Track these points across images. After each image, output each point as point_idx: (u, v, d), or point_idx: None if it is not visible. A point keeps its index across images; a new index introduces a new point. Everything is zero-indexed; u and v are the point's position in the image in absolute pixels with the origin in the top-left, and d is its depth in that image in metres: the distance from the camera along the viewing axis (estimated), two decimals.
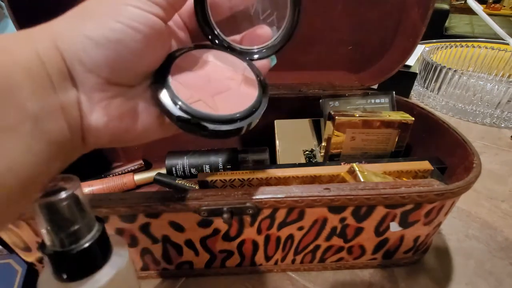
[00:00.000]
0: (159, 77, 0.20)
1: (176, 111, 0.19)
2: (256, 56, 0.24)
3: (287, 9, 0.23)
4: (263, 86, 0.23)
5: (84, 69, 0.16)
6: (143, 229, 0.26)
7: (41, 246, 0.17)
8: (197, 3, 0.21)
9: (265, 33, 0.24)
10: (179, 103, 0.19)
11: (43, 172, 0.15)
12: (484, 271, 0.32)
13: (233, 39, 0.24)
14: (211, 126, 0.20)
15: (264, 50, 0.24)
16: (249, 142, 0.45)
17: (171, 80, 0.20)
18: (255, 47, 0.24)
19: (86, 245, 0.17)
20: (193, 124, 0.19)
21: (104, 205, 0.24)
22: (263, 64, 0.25)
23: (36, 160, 0.14)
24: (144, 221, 0.25)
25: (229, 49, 0.23)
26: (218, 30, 0.23)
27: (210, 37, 0.23)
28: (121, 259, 0.19)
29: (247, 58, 0.24)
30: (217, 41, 0.23)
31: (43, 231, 0.16)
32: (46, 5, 0.35)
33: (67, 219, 0.16)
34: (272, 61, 0.25)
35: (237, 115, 0.21)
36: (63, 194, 0.16)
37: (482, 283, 0.31)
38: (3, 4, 0.51)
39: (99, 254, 0.18)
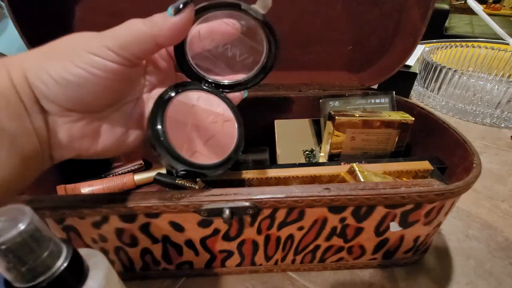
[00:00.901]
0: (155, 134, 0.22)
1: (181, 167, 0.23)
2: (228, 90, 0.27)
3: (262, 56, 0.26)
4: (239, 120, 0.27)
5: (47, 100, 0.18)
6: (143, 229, 0.26)
7: (6, 284, 0.15)
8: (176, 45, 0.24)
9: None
10: (182, 161, 0.23)
11: (16, 181, 0.17)
12: (484, 271, 0.32)
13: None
14: (209, 172, 0.24)
15: (236, 86, 0.27)
16: (249, 142, 0.45)
17: (169, 137, 0.23)
18: (226, 82, 0.27)
19: (58, 273, 0.15)
20: (194, 173, 0.24)
21: (104, 205, 0.24)
22: (236, 96, 0.28)
23: (11, 172, 0.17)
24: (144, 221, 0.25)
25: (205, 84, 0.26)
26: (196, 68, 0.26)
27: (187, 72, 0.26)
28: (100, 272, 0.17)
29: (222, 92, 0.27)
30: (193, 76, 0.26)
31: (5, 271, 0.14)
32: (45, 5, 0.35)
33: (31, 252, 0.14)
34: (244, 93, 0.28)
35: (227, 157, 0.25)
36: (20, 227, 0.13)
37: (482, 283, 0.31)
38: (3, 4, 0.51)
39: (74, 277, 0.16)
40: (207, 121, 0.25)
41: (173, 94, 0.24)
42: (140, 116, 0.24)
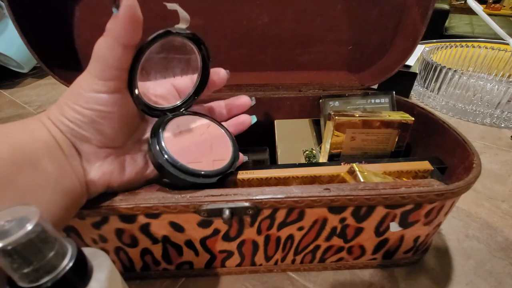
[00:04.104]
0: (168, 165, 0.25)
1: (209, 180, 0.26)
2: (183, 108, 0.29)
3: (199, 65, 0.28)
4: (215, 121, 0.30)
5: (80, 141, 0.22)
6: (143, 230, 0.26)
7: (10, 283, 0.14)
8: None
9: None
10: (209, 174, 0.26)
11: (60, 215, 0.20)
12: (484, 271, 0.32)
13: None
14: (229, 173, 0.27)
15: (188, 100, 0.29)
16: (249, 142, 0.45)
17: (182, 162, 0.25)
18: (178, 102, 0.29)
19: (62, 273, 0.15)
20: (221, 180, 0.27)
21: (104, 205, 0.24)
22: (244, 102, 0.32)
23: (56, 207, 0.20)
24: (144, 222, 0.25)
25: (169, 113, 0.28)
26: (152, 105, 0.27)
27: (147, 112, 0.27)
28: (103, 274, 0.17)
29: (186, 110, 0.29)
30: (153, 112, 0.27)
31: (10, 271, 0.14)
32: (45, 5, 0.35)
33: (37, 252, 0.14)
34: (253, 101, 0.33)
35: (233, 154, 0.29)
36: (27, 227, 0.13)
37: (482, 283, 0.31)
38: (3, 4, 0.51)
39: (79, 277, 0.16)
40: (198, 136, 0.28)
41: (159, 131, 0.26)
42: None
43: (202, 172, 0.25)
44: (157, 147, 0.25)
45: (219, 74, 0.29)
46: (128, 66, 0.22)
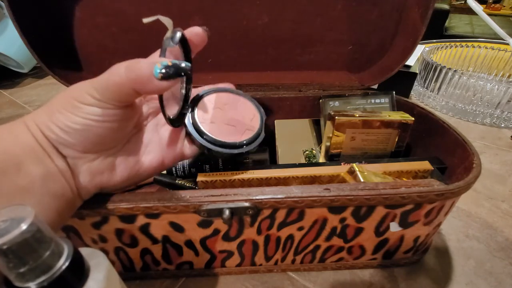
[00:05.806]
0: (205, 141, 0.27)
1: (246, 148, 0.28)
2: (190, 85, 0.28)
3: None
4: (243, 94, 0.32)
5: (63, 146, 0.21)
6: (143, 230, 0.26)
7: (6, 283, 0.14)
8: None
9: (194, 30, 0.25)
10: (243, 144, 0.28)
11: (52, 220, 0.20)
12: (484, 271, 0.32)
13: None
14: (261, 138, 0.30)
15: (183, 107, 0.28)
16: None
17: (215, 135, 0.27)
18: (183, 89, 0.27)
19: (59, 273, 0.14)
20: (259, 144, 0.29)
21: (104, 205, 0.24)
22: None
23: (47, 211, 0.19)
24: (144, 222, 0.25)
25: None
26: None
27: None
28: (100, 273, 0.17)
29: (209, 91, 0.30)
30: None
31: (6, 271, 0.14)
32: (45, 5, 0.35)
33: (32, 252, 0.14)
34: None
35: (256, 105, 0.31)
36: (22, 227, 0.13)
37: (482, 283, 0.31)
38: (3, 4, 0.51)
39: (75, 277, 0.16)
40: (224, 111, 0.29)
41: (200, 128, 0.27)
42: (147, 143, 0.26)
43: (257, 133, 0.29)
44: (212, 146, 0.27)
45: (193, 32, 0.25)
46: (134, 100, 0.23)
